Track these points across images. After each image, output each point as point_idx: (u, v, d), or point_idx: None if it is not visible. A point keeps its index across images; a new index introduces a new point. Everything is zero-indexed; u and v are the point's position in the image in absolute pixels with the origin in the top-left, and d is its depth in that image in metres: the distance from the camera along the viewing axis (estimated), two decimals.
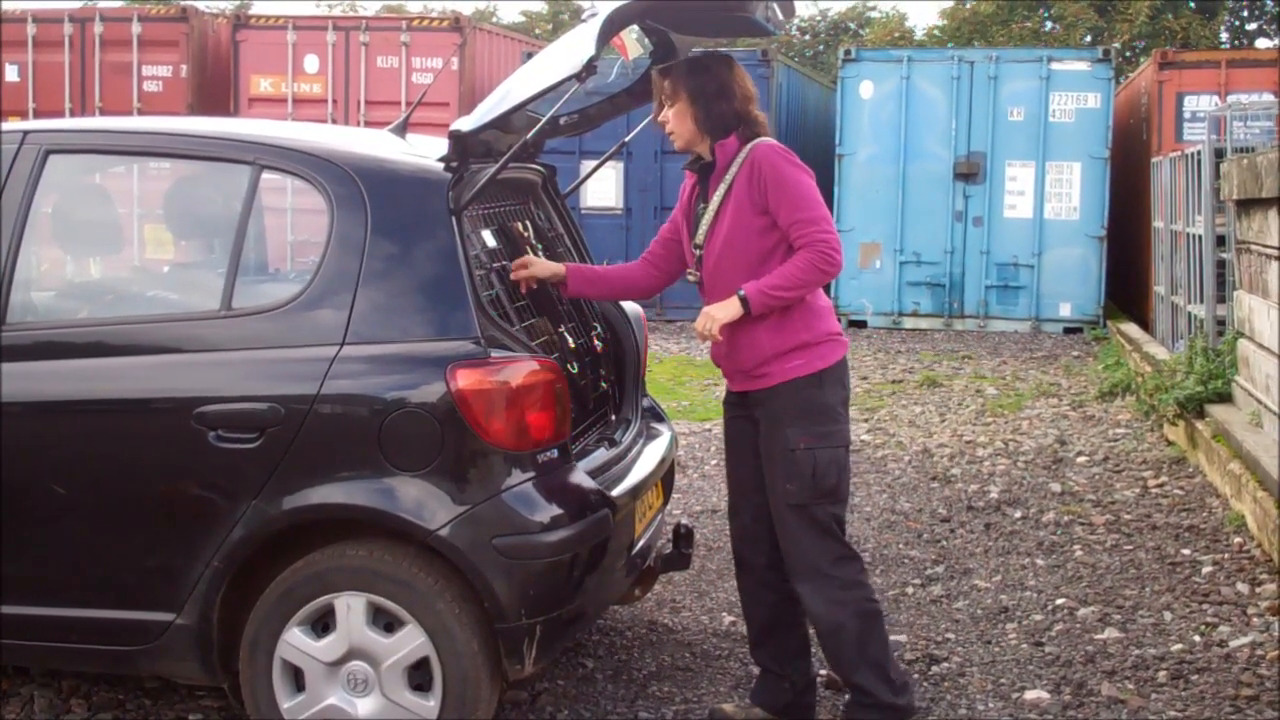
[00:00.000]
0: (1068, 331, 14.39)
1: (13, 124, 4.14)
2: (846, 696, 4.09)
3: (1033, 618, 5.18)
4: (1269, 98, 12.96)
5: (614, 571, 4.00)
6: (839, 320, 4.10)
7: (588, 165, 6.66)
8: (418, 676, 3.64)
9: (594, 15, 3.73)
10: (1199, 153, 9.61)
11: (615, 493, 3.92)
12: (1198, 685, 4.48)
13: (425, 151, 3.99)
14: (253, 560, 3.71)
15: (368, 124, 14.74)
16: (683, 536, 4.69)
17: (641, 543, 4.23)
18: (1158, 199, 12.00)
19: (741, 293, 3.78)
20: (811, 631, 4.13)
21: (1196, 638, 4.91)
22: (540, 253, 4.46)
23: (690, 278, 4.06)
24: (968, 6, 26.49)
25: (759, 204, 3.83)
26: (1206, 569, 5.69)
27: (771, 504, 3.96)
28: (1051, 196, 14.38)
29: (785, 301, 3.80)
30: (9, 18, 15.72)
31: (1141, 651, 4.79)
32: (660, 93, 3.98)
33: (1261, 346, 6.81)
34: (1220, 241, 8.96)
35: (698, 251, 3.98)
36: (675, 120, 3.94)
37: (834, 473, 3.87)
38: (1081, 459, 7.94)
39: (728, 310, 3.80)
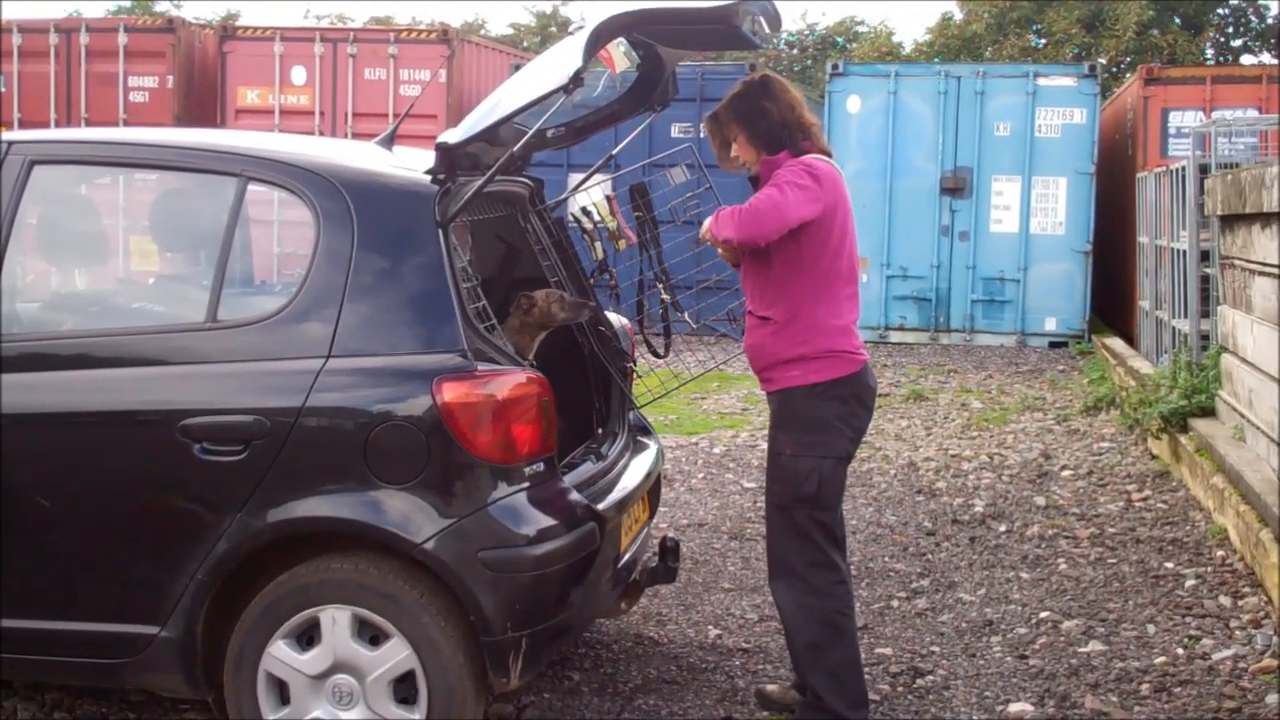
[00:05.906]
0: (1053, 346, 14.43)
1: None
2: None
3: (1017, 631, 5.19)
4: (1253, 114, 13.04)
5: (600, 585, 4.00)
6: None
7: (576, 178, 6.66)
8: (403, 689, 3.63)
9: (581, 28, 3.73)
10: (1184, 168, 9.66)
11: (602, 506, 3.92)
12: (1181, 698, 4.50)
13: (412, 164, 3.99)
14: (238, 573, 3.70)
15: (355, 136, 14.73)
16: (669, 550, 4.69)
17: (628, 556, 4.24)
18: (1143, 214, 12.04)
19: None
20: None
21: (1179, 650, 4.93)
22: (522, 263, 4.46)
23: None
24: (957, 21, 26.60)
25: None
26: (1189, 582, 5.71)
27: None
28: (1037, 211, 14.43)
29: (727, 238, 3.91)
30: None
31: (1125, 664, 4.80)
32: (716, 137, 4.13)
33: (1245, 361, 6.84)
34: (1204, 257, 9.00)
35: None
36: (741, 152, 4.10)
37: (814, 481, 4.02)
38: (1066, 473, 7.96)
39: (707, 222, 4.03)
